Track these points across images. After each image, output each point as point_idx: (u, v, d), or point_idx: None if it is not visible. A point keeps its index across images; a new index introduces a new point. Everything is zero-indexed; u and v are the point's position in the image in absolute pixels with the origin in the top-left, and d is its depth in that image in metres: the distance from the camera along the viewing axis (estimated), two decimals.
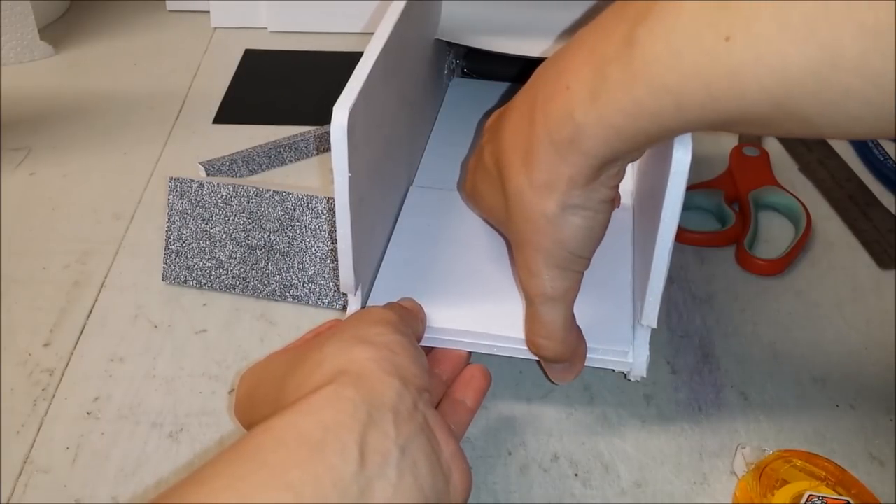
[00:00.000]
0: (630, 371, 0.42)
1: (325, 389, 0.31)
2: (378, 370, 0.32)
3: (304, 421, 0.29)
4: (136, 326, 0.49)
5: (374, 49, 0.40)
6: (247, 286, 0.51)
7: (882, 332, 0.49)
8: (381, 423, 0.30)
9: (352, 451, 0.29)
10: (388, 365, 0.32)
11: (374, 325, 0.35)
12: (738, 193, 0.58)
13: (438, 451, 0.32)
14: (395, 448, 0.30)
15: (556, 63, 0.35)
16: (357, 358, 0.32)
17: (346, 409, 0.30)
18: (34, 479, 0.41)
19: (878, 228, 0.57)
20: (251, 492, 0.27)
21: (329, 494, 0.27)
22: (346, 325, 0.36)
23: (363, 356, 0.32)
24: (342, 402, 0.30)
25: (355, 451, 0.29)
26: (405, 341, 0.35)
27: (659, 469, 0.42)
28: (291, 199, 0.50)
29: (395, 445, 0.30)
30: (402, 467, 0.30)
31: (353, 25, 0.80)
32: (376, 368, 0.32)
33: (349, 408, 0.30)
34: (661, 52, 0.29)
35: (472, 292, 0.45)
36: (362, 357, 0.32)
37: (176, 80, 0.73)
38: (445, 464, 0.32)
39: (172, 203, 0.51)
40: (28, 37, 0.75)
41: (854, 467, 0.41)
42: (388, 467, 0.29)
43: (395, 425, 0.30)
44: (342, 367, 0.32)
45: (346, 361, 0.32)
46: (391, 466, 0.29)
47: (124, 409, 0.44)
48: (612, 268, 0.46)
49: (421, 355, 0.35)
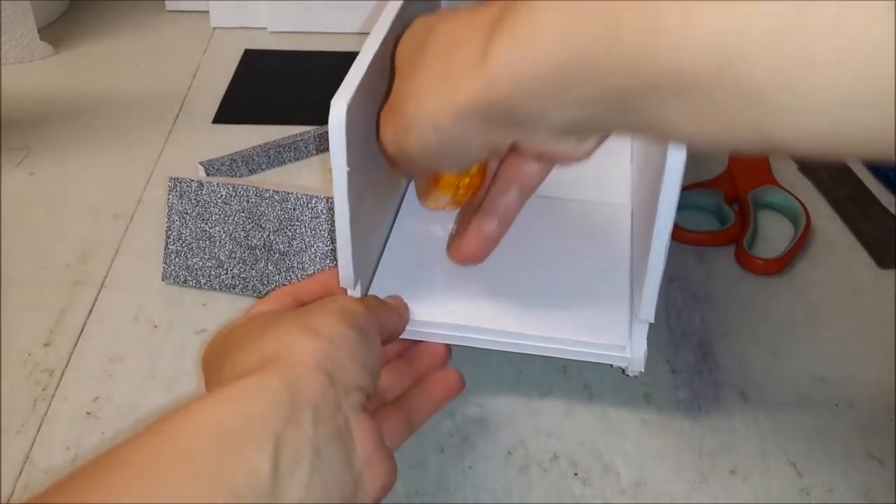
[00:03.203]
0: (628, 366, 0.42)
1: (253, 377, 0.30)
2: (309, 363, 0.32)
3: (224, 408, 0.29)
4: (136, 326, 0.49)
5: (371, 46, 0.40)
6: (246, 286, 0.51)
7: (882, 332, 0.49)
8: (300, 420, 0.30)
9: (268, 447, 0.28)
10: (323, 358, 0.32)
11: (329, 314, 0.35)
12: (737, 193, 0.58)
13: (353, 455, 0.32)
14: (310, 448, 0.30)
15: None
16: (293, 348, 0.32)
17: (267, 402, 0.30)
18: (34, 479, 0.41)
19: (878, 228, 0.57)
20: (162, 483, 0.26)
21: (242, 492, 0.27)
22: (304, 310, 0.36)
23: (299, 347, 0.32)
24: (265, 392, 0.30)
25: (271, 448, 0.28)
26: (353, 336, 0.34)
27: (658, 468, 0.42)
28: (291, 198, 0.50)
29: (310, 446, 0.30)
30: (314, 469, 0.29)
31: (353, 25, 0.80)
32: (308, 361, 0.32)
33: (272, 400, 0.30)
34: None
35: (471, 288, 0.45)
36: (298, 348, 0.32)
37: (176, 80, 0.73)
38: (357, 469, 0.32)
39: (172, 203, 0.51)
40: (28, 37, 0.75)
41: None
42: (299, 468, 0.29)
43: (313, 424, 0.30)
44: (275, 355, 0.32)
45: (282, 349, 0.32)
46: (303, 467, 0.29)
47: (124, 409, 0.44)
48: (609, 265, 0.47)
49: (368, 352, 0.35)
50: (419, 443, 0.42)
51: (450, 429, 0.43)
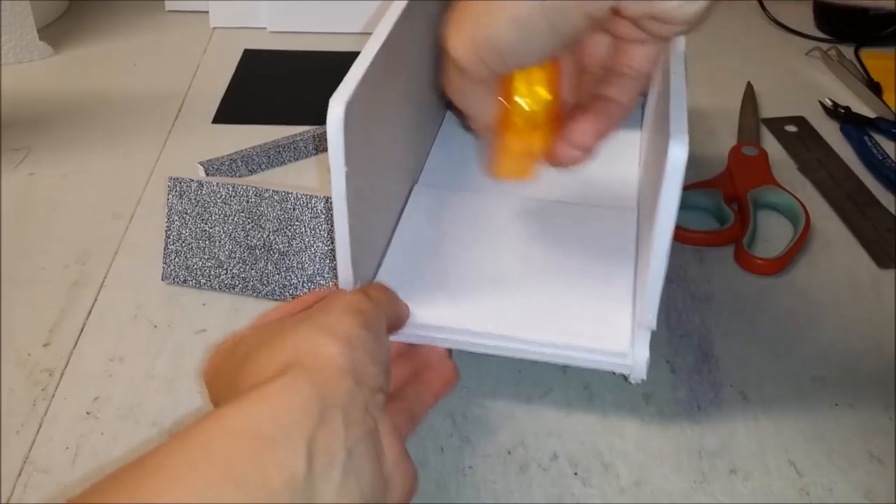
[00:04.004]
0: (630, 373, 0.42)
1: (281, 381, 0.30)
2: (335, 367, 0.32)
3: (255, 413, 0.29)
4: (136, 326, 0.49)
5: (372, 46, 0.40)
6: (246, 286, 0.51)
7: (881, 332, 0.49)
8: (331, 422, 0.30)
9: (301, 449, 0.28)
10: (347, 362, 0.32)
11: (341, 313, 0.34)
12: (736, 193, 0.58)
13: (382, 456, 0.32)
14: (343, 450, 0.30)
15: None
16: (317, 351, 0.32)
17: (299, 405, 0.29)
18: (34, 479, 0.41)
19: (877, 228, 0.57)
20: (199, 486, 0.26)
21: (278, 492, 0.27)
22: (316, 311, 0.35)
23: (323, 350, 0.32)
24: (295, 396, 0.30)
25: (304, 450, 0.28)
26: (369, 337, 0.34)
27: (658, 468, 0.42)
28: (290, 198, 0.50)
29: (342, 447, 0.30)
30: (347, 470, 0.29)
31: (353, 25, 0.80)
32: (333, 365, 0.32)
33: (302, 404, 0.30)
34: None
35: (473, 292, 0.45)
36: (322, 351, 0.32)
37: (175, 80, 0.73)
38: (388, 470, 0.32)
39: (172, 203, 0.51)
40: (28, 37, 0.75)
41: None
42: (333, 469, 0.29)
43: (344, 426, 0.30)
44: (300, 359, 0.32)
45: (305, 352, 0.32)
46: (337, 468, 0.29)
47: (124, 409, 0.44)
48: (614, 269, 0.46)
49: (383, 351, 0.35)
50: (419, 443, 0.42)
51: (450, 429, 0.43)
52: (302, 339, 0.33)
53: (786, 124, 0.68)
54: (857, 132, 0.66)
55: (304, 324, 0.34)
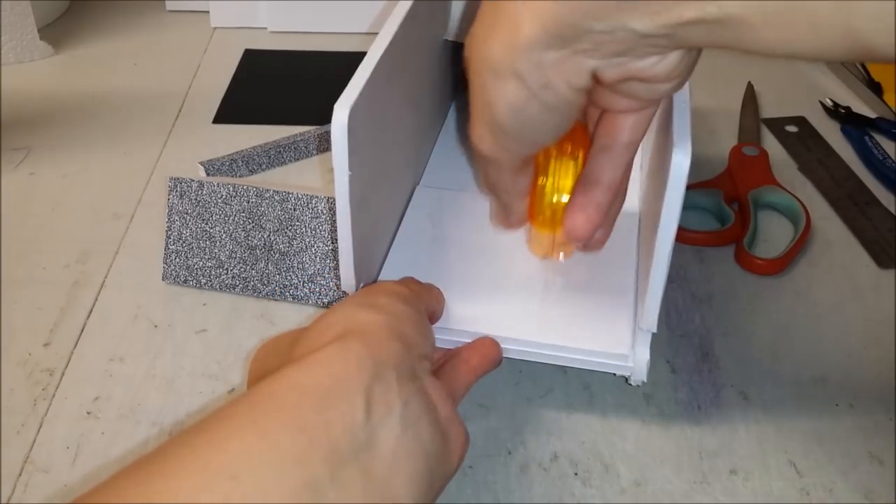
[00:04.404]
0: (631, 375, 0.42)
1: (334, 345, 0.32)
2: (383, 332, 0.33)
3: (313, 370, 0.30)
4: (136, 326, 0.49)
5: (377, 49, 0.40)
6: (247, 286, 0.51)
7: (882, 332, 0.49)
8: (385, 378, 0.31)
9: (359, 399, 0.30)
10: (393, 330, 0.34)
11: (383, 294, 0.37)
12: (737, 193, 0.58)
13: (436, 412, 0.33)
14: (399, 401, 0.31)
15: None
16: (363, 320, 0.34)
17: (353, 362, 0.31)
18: (34, 479, 0.41)
19: (878, 228, 0.57)
20: (264, 432, 0.28)
21: (340, 439, 0.28)
22: (356, 295, 0.37)
23: (369, 319, 0.34)
24: (349, 354, 0.31)
25: (362, 401, 0.30)
26: (411, 311, 0.36)
27: (658, 468, 0.42)
28: (291, 198, 0.50)
29: (398, 399, 0.31)
30: (405, 420, 0.31)
31: (354, 25, 0.80)
32: (381, 331, 0.33)
33: (356, 360, 0.31)
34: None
35: (475, 293, 0.45)
36: (369, 320, 0.34)
37: (176, 80, 0.73)
38: (443, 425, 0.33)
39: (172, 203, 0.51)
40: (28, 37, 0.75)
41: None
42: (391, 418, 0.30)
43: (398, 382, 0.32)
44: (349, 328, 0.33)
45: (353, 323, 0.34)
46: (395, 417, 0.30)
47: (124, 409, 0.44)
48: (615, 271, 0.46)
49: (426, 327, 0.37)
50: None
51: None
52: (347, 314, 0.34)
53: (786, 124, 0.68)
54: (857, 132, 0.66)
55: (349, 304, 0.36)
